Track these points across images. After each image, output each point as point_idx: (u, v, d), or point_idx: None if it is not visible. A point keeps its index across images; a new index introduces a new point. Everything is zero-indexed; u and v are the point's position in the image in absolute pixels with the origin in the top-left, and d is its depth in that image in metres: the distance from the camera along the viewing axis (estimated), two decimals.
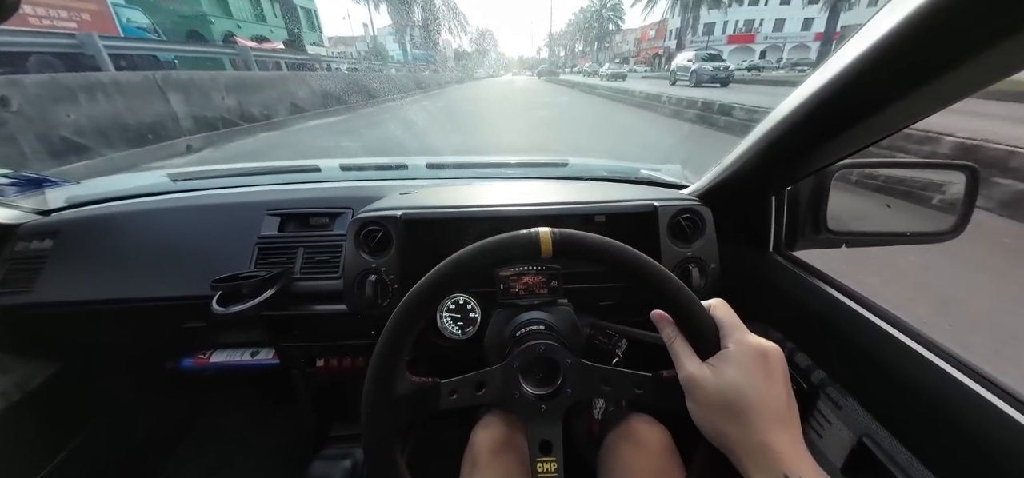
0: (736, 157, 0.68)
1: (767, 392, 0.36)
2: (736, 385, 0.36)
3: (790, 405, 0.37)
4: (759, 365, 0.37)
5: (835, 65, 0.42)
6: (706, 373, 0.38)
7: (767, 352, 0.37)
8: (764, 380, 0.36)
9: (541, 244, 0.41)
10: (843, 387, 0.57)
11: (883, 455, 0.49)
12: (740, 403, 0.35)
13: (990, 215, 3.00)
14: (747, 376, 0.36)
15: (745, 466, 0.35)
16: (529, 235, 0.42)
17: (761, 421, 0.35)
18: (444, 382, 0.46)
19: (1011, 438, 0.38)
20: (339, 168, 1.30)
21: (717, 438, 0.38)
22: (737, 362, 0.37)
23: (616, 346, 0.76)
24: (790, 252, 0.74)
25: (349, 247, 0.77)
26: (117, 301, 0.87)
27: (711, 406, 0.37)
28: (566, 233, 0.42)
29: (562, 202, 0.81)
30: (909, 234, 0.69)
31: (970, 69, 0.32)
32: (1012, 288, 2.14)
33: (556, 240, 0.41)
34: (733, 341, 0.38)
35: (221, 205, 0.98)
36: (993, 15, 0.28)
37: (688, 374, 0.39)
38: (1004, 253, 2.61)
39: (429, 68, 43.14)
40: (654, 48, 67.22)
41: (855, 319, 0.56)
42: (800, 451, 0.35)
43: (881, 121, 0.44)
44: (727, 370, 0.37)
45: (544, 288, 0.74)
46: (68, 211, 0.99)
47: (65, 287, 0.87)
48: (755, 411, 0.35)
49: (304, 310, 0.87)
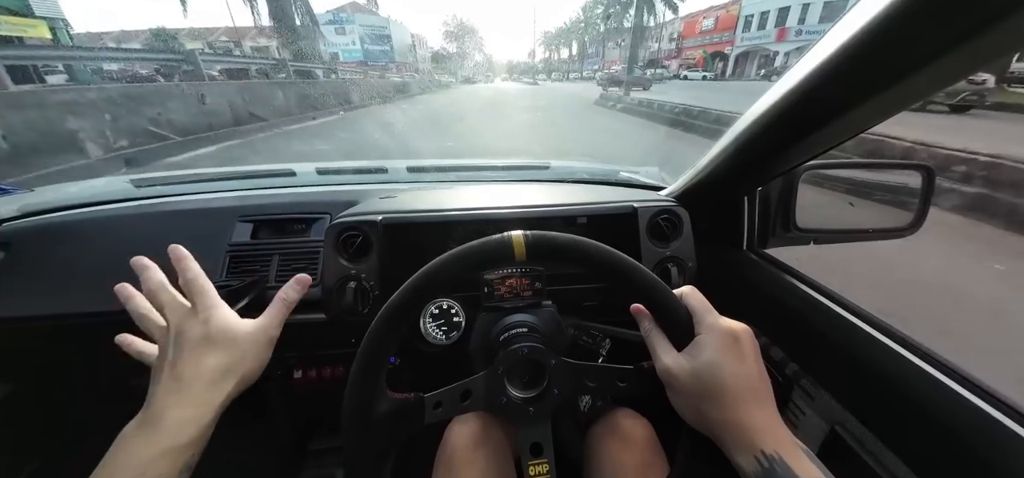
0: (710, 160, 0.70)
1: (740, 371, 0.37)
2: (710, 368, 0.37)
3: (763, 380, 0.38)
4: (730, 346, 0.38)
5: (801, 71, 0.44)
6: (681, 362, 0.39)
7: (738, 333, 0.39)
8: (736, 360, 0.37)
9: (514, 247, 0.41)
10: (816, 379, 0.59)
11: (854, 442, 0.51)
12: (715, 386, 0.37)
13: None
14: (720, 358, 0.37)
15: (725, 445, 0.36)
16: (502, 239, 0.42)
17: (736, 399, 0.36)
18: (427, 396, 0.45)
19: (971, 421, 0.40)
20: (315, 172, 1.27)
21: (698, 422, 0.39)
22: (710, 346, 0.38)
23: (600, 346, 0.77)
24: (763, 250, 0.77)
25: (327, 253, 0.75)
26: (75, 316, 0.82)
27: (688, 392, 0.38)
28: (539, 235, 0.42)
29: (544, 204, 0.81)
30: (872, 231, 0.73)
31: (928, 73, 0.34)
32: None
33: (529, 243, 0.41)
34: (705, 327, 0.40)
35: (189, 211, 0.93)
36: (950, 21, 0.30)
37: (664, 366, 0.40)
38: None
39: (384, 69, 35.23)
40: (714, 45, 48.46)
41: (826, 314, 0.59)
42: (775, 425, 0.36)
43: (844, 124, 0.46)
44: (701, 355, 0.38)
45: (528, 290, 0.74)
46: (20, 220, 0.92)
47: (17, 302, 0.81)
48: (729, 391, 0.36)
49: None
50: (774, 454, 0.33)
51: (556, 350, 0.49)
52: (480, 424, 0.66)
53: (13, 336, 0.88)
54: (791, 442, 0.35)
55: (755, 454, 0.34)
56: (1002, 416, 0.39)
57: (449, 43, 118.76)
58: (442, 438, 0.67)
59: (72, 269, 0.85)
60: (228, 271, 0.83)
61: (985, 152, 3.62)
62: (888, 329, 0.52)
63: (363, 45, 57.69)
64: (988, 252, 2.85)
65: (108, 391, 1.16)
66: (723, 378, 0.36)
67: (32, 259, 0.85)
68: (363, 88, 16.20)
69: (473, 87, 44.27)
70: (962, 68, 0.33)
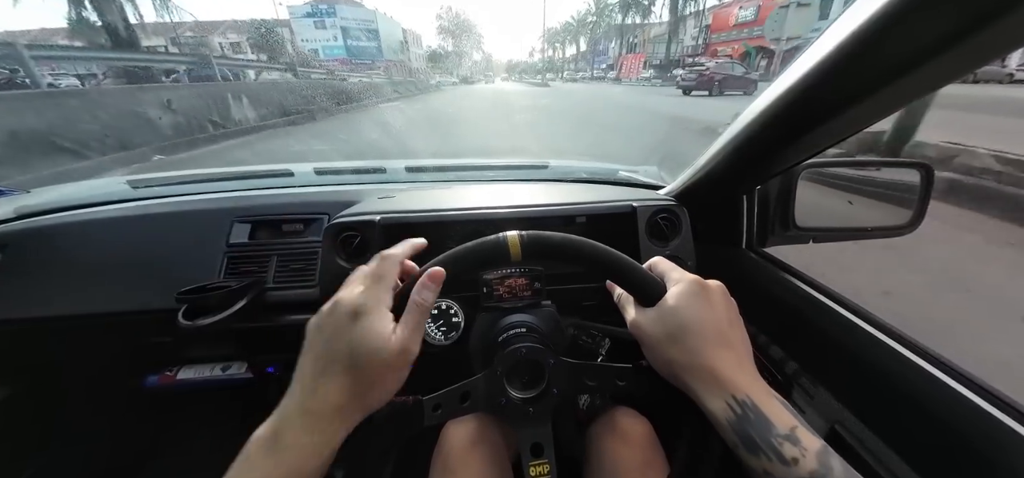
0: (709, 158, 0.70)
1: (706, 316, 0.37)
2: (673, 312, 0.37)
3: (732, 326, 0.38)
4: (696, 293, 0.38)
5: (798, 70, 0.44)
6: (650, 315, 0.40)
7: (705, 284, 0.39)
8: (703, 305, 0.37)
9: (510, 247, 0.41)
10: (815, 377, 0.59)
11: (854, 441, 0.51)
12: (677, 328, 0.37)
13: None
14: (685, 302, 0.37)
15: (694, 391, 0.36)
16: (497, 240, 0.42)
17: (703, 343, 0.36)
18: (426, 399, 0.45)
19: (971, 419, 0.40)
20: (313, 172, 1.27)
21: (669, 373, 0.39)
22: (676, 294, 0.38)
23: (600, 345, 0.77)
24: (762, 249, 0.77)
25: (325, 254, 0.75)
26: (72, 317, 0.82)
27: (656, 340, 0.38)
28: (535, 234, 0.42)
29: (543, 204, 0.81)
30: (871, 229, 0.73)
31: (927, 70, 0.34)
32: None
33: (524, 243, 0.41)
34: (671, 281, 0.40)
35: (186, 212, 0.93)
36: (948, 18, 0.29)
37: (632, 319, 0.41)
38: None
39: (366, 70, 28.98)
40: (754, 38, 39.55)
41: (825, 312, 0.59)
42: (747, 369, 0.35)
43: (843, 122, 0.46)
44: (666, 303, 0.39)
45: (528, 290, 0.74)
46: (17, 222, 0.92)
47: (15, 304, 0.81)
48: (695, 334, 0.36)
49: (278, 321, 0.83)
50: (746, 399, 0.33)
51: (555, 350, 0.49)
52: (477, 424, 0.66)
53: (9, 337, 0.87)
54: (764, 389, 0.34)
55: (726, 399, 0.33)
56: (1002, 414, 0.39)
57: (445, 40, 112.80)
58: (439, 438, 0.66)
59: (69, 270, 0.84)
60: (226, 272, 0.83)
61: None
62: (888, 327, 0.52)
63: (347, 41, 53.12)
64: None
65: (108, 391, 1.16)
66: (686, 320, 0.36)
67: (29, 261, 0.85)
68: (298, 94, 11.86)
69: (469, 88, 37.51)
70: (961, 65, 0.33)
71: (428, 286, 0.40)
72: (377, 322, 0.36)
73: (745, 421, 0.32)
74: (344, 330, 0.35)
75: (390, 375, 0.37)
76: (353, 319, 0.35)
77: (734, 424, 0.33)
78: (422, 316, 0.39)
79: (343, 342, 0.35)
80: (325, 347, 0.35)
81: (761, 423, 0.32)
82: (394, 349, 0.36)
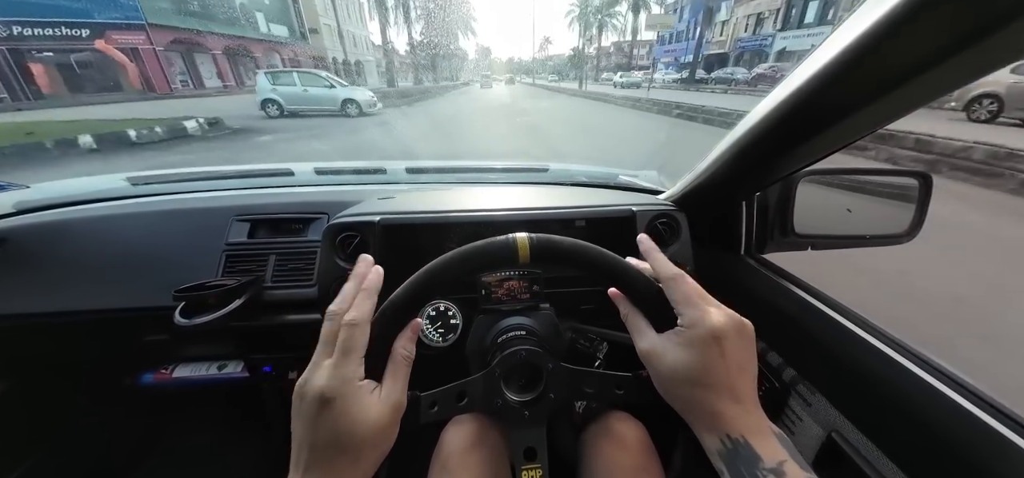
0: (708, 164, 0.70)
1: (718, 368, 0.36)
2: (689, 366, 0.37)
3: (743, 373, 0.37)
4: (710, 343, 0.37)
5: (799, 77, 0.44)
6: (660, 348, 0.39)
7: (719, 333, 0.37)
8: (716, 357, 0.36)
9: (519, 250, 0.41)
10: (812, 385, 0.59)
11: (850, 449, 0.51)
12: (688, 376, 0.37)
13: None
14: (699, 358, 0.36)
15: (693, 423, 0.37)
16: (505, 241, 0.41)
17: (709, 393, 0.36)
18: (423, 395, 0.45)
19: (968, 428, 0.40)
20: (314, 172, 1.27)
21: (669, 398, 0.39)
22: (690, 339, 0.37)
23: (597, 349, 0.77)
24: (761, 255, 0.77)
25: (324, 254, 0.75)
26: (70, 313, 0.81)
27: (664, 377, 0.39)
28: (544, 238, 0.42)
29: (543, 207, 0.81)
30: (870, 237, 0.73)
31: (928, 79, 0.34)
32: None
33: (533, 245, 0.41)
34: (687, 319, 0.38)
35: (185, 210, 0.93)
36: (952, 26, 0.29)
37: (643, 350, 0.40)
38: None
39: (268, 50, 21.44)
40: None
41: (823, 319, 0.59)
42: (749, 411, 0.36)
43: (843, 130, 0.46)
44: (680, 351, 0.37)
45: (526, 293, 0.74)
46: (16, 217, 0.92)
47: (13, 299, 0.81)
48: (704, 385, 0.36)
49: (276, 320, 0.83)
50: (739, 437, 0.34)
51: (553, 353, 0.48)
52: (476, 426, 0.66)
53: (9, 335, 0.87)
54: (760, 427, 0.35)
55: (721, 436, 0.34)
56: (1000, 425, 0.38)
57: (422, 25, 76.64)
58: (438, 440, 0.66)
59: (68, 266, 0.84)
60: (224, 270, 0.83)
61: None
62: (886, 335, 0.52)
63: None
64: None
65: (103, 388, 1.15)
66: (696, 374, 0.36)
67: (28, 256, 0.85)
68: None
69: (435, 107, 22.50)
70: (964, 74, 0.33)
71: (411, 337, 0.40)
72: (353, 406, 0.34)
73: (735, 455, 0.33)
74: (318, 422, 0.33)
75: (381, 439, 0.36)
76: (324, 407, 0.33)
77: (723, 456, 0.34)
78: (408, 366, 0.39)
79: (322, 432, 0.33)
80: (305, 434, 0.34)
81: (750, 457, 0.33)
82: (379, 420, 0.35)
